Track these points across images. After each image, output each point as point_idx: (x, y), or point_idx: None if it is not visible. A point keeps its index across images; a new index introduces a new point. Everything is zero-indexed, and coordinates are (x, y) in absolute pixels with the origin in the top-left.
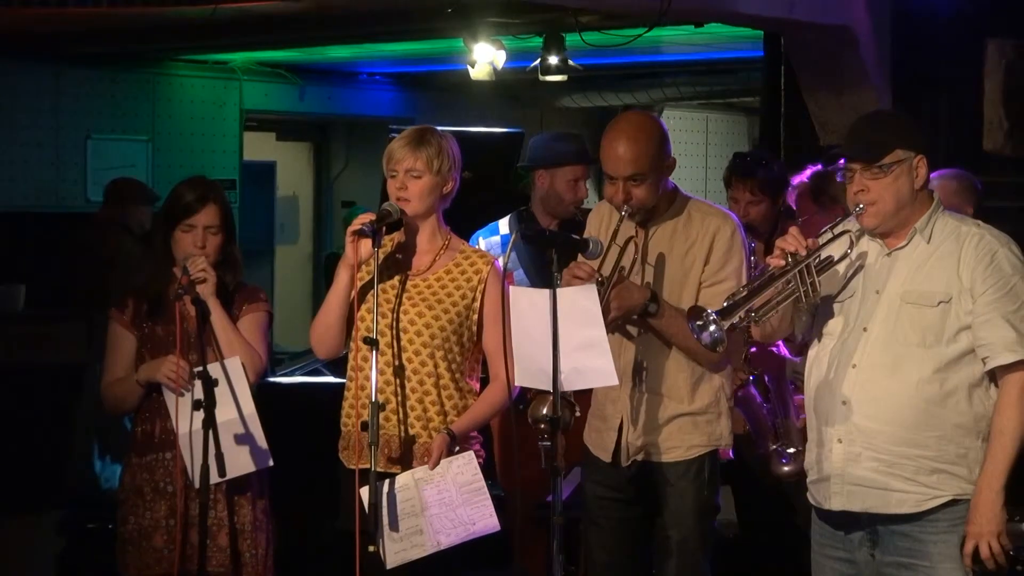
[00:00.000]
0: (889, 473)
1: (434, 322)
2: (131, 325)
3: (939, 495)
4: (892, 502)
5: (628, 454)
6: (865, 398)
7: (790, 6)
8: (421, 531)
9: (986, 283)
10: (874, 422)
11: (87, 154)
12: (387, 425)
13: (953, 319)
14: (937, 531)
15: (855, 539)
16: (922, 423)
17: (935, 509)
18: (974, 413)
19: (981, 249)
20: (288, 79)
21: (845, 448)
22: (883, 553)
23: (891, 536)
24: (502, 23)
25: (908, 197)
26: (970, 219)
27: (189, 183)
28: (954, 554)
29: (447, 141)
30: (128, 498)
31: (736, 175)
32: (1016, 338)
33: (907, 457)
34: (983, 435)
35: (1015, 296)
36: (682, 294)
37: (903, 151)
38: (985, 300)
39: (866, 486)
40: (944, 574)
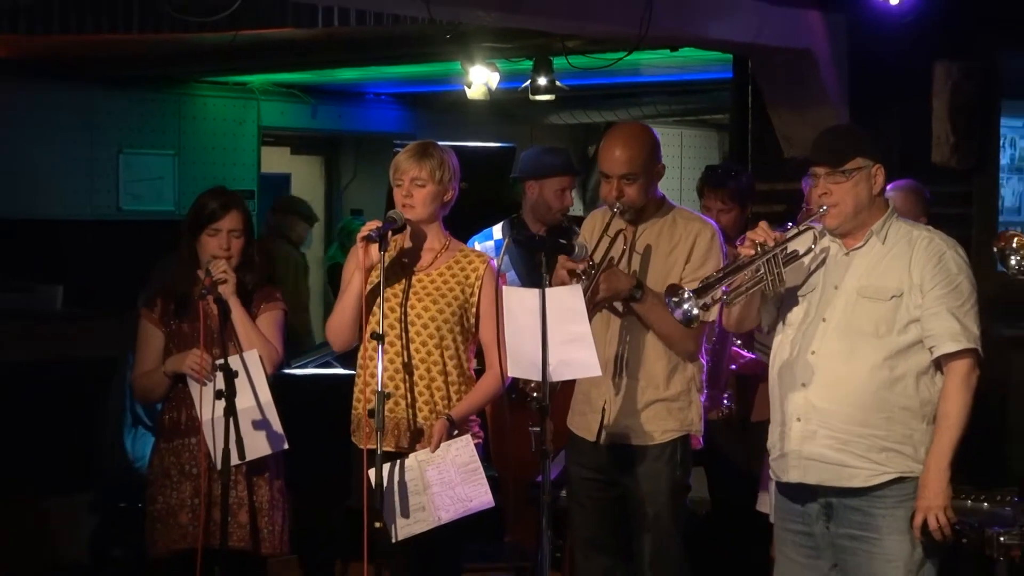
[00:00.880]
0: (842, 450)
1: (438, 315)
2: (159, 322)
3: (887, 472)
4: (844, 476)
5: (608, 434)
6: (822, 382)
7: (757, 32)
8: (424, 508)
9: (934, 280)
10: (830, 403)
11: (119, 167)
12: (396, 409)
13: (903, 312)
14: (885, 506)
15: (812, 513)
16: (873, 405)
17: (883, 485)
18: (920, 398)
19: (930, 250)
20: (302, 99)
21: (803, 426)
22: (837, 525)
23: (844, 510)
24: (495, 48)
25: (866, 201)
26: (920, 225)
27: (211, 193)
28: (901, 527)
29: (447, 154)
30: (156, 479)
31: (708, 186)
32: (960, 330)
33: (859, 436)
34: (928, 419)
35: (959, 293)
36: (664, 280)
37: (863, 159)
38: (933, 296)
39: (821, 461)
40: (891, 544)
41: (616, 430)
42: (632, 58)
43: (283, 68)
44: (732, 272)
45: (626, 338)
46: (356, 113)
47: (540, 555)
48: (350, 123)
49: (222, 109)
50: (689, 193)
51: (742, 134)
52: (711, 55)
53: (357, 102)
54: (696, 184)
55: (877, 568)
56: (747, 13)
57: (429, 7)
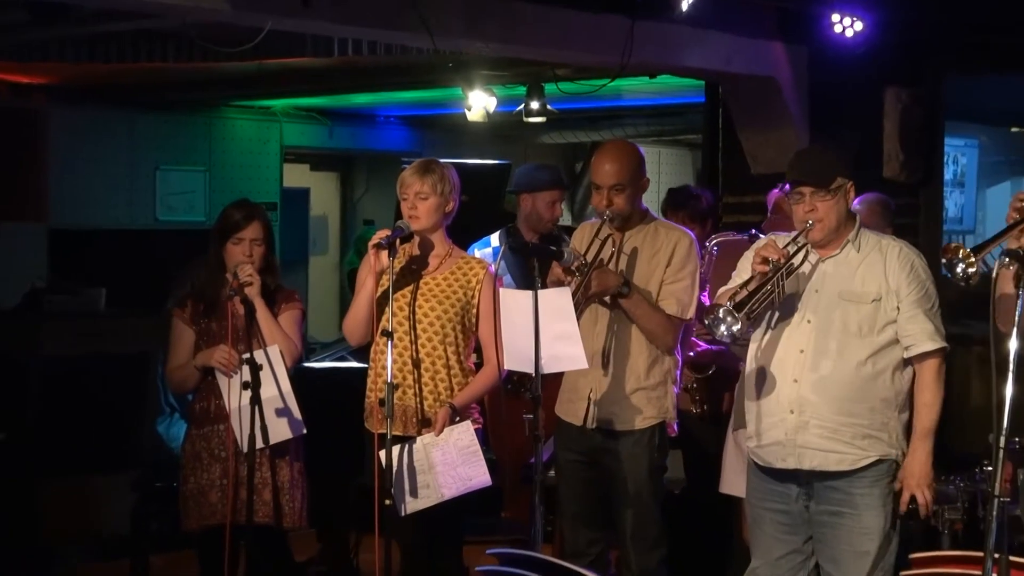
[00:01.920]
0: (832, 438)
1: (443, 315)
2: (190, 322)
3: (868, 456)
4: (833, 461)
5: (594, 419)
6: (813, 377)
7: (726, 61)
8: (429, 486)
9: (910, 286)
10: (821, 396)
11: (156, 182)
12: (404, 398)
13: (882, 314)
14: (863, 485)
15: (792, 494)
16: (858, 397)
17: (863, 468)
18: (895, 390)
19: (903, 259)
20: (320, 121)
21: (796, 418)
22: (817, 504)
23: (825, 490)
24: (493, 75)
25: (845, 215)
26: (884, 234)
27: (236, 205)
28: (876, 503)
29: (448, 170)
30: (189, 462)
31: (671, 207)
32: (934, 330)
33: (846, 425)
34: (900, 408)
35: (929, 297)
36: (647, 287)
37: (842, 178)
38: (909, 300)
39: (813, 448)
40: (867, 519)
41: (600, 416)
42: (615, 84)
43: (303, 93)
44: (758, 288)
45: (612, 333)
46: (368, 134)
47: (533, 529)
48: (363, 142)
49: (248, 130)
50: None
51: (713, 152)
52: (686, 82)
53: (369, 124)
54: (661, 208)
55: (855, 539)
56: (718, 44)
57: (434, 39)
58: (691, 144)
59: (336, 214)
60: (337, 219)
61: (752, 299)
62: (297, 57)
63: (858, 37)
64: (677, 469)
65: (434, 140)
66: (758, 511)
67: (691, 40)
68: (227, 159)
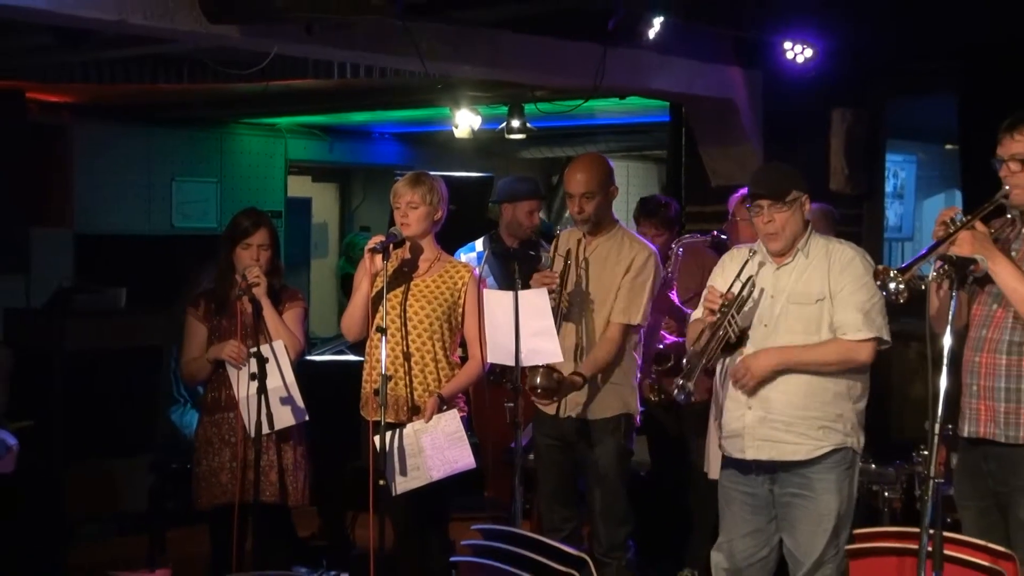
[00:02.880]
0: (787, 431)
1: (431, 314)
2: (203, 319)
3: (823, 446)
4: (789, 452)
5: (566, 409)
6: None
7: (689, 84)
8: (419, 468)
9: (844, 280)
10: (775, 393)
11: (172, 192)
12: (396, 389)
13: (826, 313)
14: (821, 471)
15: (758, 478)
16: (810, 392)
17: (821, 456)
18: (847, 383)
19: (844, 257)
20: (321, 136)
21: (755, 413)
22: (780, 487)
23: (787, 475)
24: (478, 96)
25: (800, 226)
26: (834, 238)
27: (245, 213)
28: (832, 488)
29: (437, 182)
30: (201, 446)
31: (643, 215)
32: (863, 320)
33: (800, 418)
34: (853, 398)
35: (867, 289)
36: (610, 287)
37: (797, 191)
38: (844, 294)
39: (771, 440)
40: (824, 501)
41: (573, 406)
42: (588, 104)
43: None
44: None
45: (582, 335)
46: (365, 148)
47: (513, 506)
48: (360, 157)
49: (255, 145)
50: None
51: (677, 167)
52: (652, 102)
53: (366, 140)
54: (633, 213)
55: (813, 519)
56: (681, 69)
57: (424, 63)
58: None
59: (335, 221)
60: (336, 226)
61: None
62: (300, 79)
63: (808, 63)
64: (643, 453)
65: (424, 155)
66: (728, 492)
67: (657, 65)
68: (237, 171)
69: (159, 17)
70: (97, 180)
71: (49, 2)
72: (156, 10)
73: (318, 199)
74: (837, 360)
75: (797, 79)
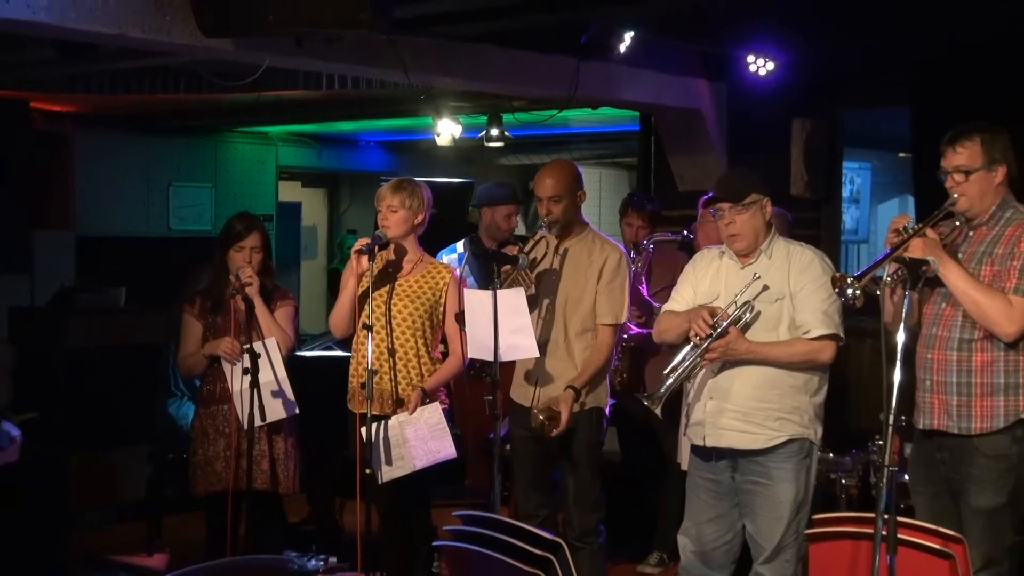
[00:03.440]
0: (745, 421)
1: (415, 312)
2: (199, 316)
3: (780, 436)
4: (747, 441)
5: (540, 400)
6: (728, 369)
7: (658, 95)
8: (403, 457)
9: (803, 280)
10: (734, 385)
11: (169, 196)
12: (382, 383)
13: (787, 311)
14: (778, 460)
15: (720, 466)
16: (768, 385)
17: (777, 446)
18: (804, 377)
19: (803, 259)
20: (310, 144)
21: (715, 404)
22: (741, 475)
23: (747, 464)
24: (458, 106)
25: (762, 227)
26: (795, 241)
27: (238, 217)
28: (789, 477)
29: (420, 188)
30: (197, 436)
31: (632, 207)
32: (823, 318)
33: (758, 409)
34: (811, 392)
35: (825, 289)
36: (584, 289)
37: (756, 194)
38: (805, 292)
39: (729, 430)
40: (781, 490)
41: (546, 397)
42: (563, 114)
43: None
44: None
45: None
46: (352, 156)
47: (492, 494)
48: (347, 163)
49: (248, 152)
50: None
51: (646, 173)
52: (623, 112)
53: (353, 147)
54: (620, 206)
55: (771, 506)
56: (650, 81)
57: (408, 75)
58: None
59: (324, 224)
60: (325, 229)
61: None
62: (291, 90)
63: (770, 76)
64: (613, 443)
65: (408, 161)
66: (694, 479)
67: (628, 77)
68: (230, 177)
69: (157, 31)
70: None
71: (52, 17)
72: (154, 25)
73: (307, 203)
74: (803, 359)
75: (760, 91)
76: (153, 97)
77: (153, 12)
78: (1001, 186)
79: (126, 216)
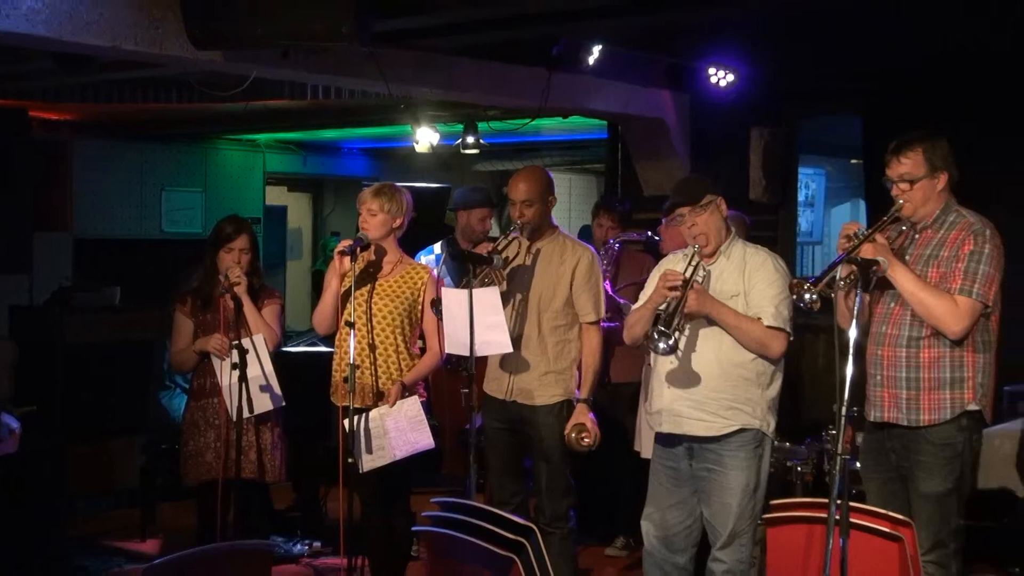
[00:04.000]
0: (700, 408)
1: (395, 310)
2: (189, 314)
3: (732, 424)
4: (701, 428)
5: (513, 394)
6: (685, 359)
7: (624, 105)
8: (383, 448)
9: (757, 277)
10: (690, 375)
11: (161, 200)
12: (363, 377)
13: (741, 307)
14: (731, 448)
15: (679, 453)
16: (722, 376)
17: (730, 434)
18: (756, 371)
19: (757, 259)
20: (296, 151)
21: (672, 392)
22: (697, 462)
23: (702, 451)
24: (436, 115)
25: (721, 226)
26: (751, 244)
27: (228, 219)
28: (741, 464)
29: (399, 192)
30: (188, 428)
31: (604, 208)
32: (774, 312)
33: (711, 398)
34: (762, 385)
35: (777, 286)
36: (556, 287)
37: (711, 195)
38: (758, 288)
39: (685, 417)
40: (733, 477)
41: (518, 393)
42: (535, 123)
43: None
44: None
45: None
46: (335, 162)
47: (468, 481)
48: (331, 169)
49: (237, 158)
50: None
51: (614, 178)
52: (592, 121)
53: (336, 154)
54: (592, 208)
55: (724, 492)
56: (617, 92)
57: (388, 85)
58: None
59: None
60: (309, 231)
61: (674, 316)
62: (277, 99)
63: (730, 87)
64: None
65: (389, 167)
66: (656, 466)
67: (596, 88)
68: (220, 182)
69: (149, 44)
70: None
71: (51, 31)
72: (147, 37)
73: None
74: (756, 338)
75: (720, 101)
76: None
77: (146, 26)
78: (944, 192)
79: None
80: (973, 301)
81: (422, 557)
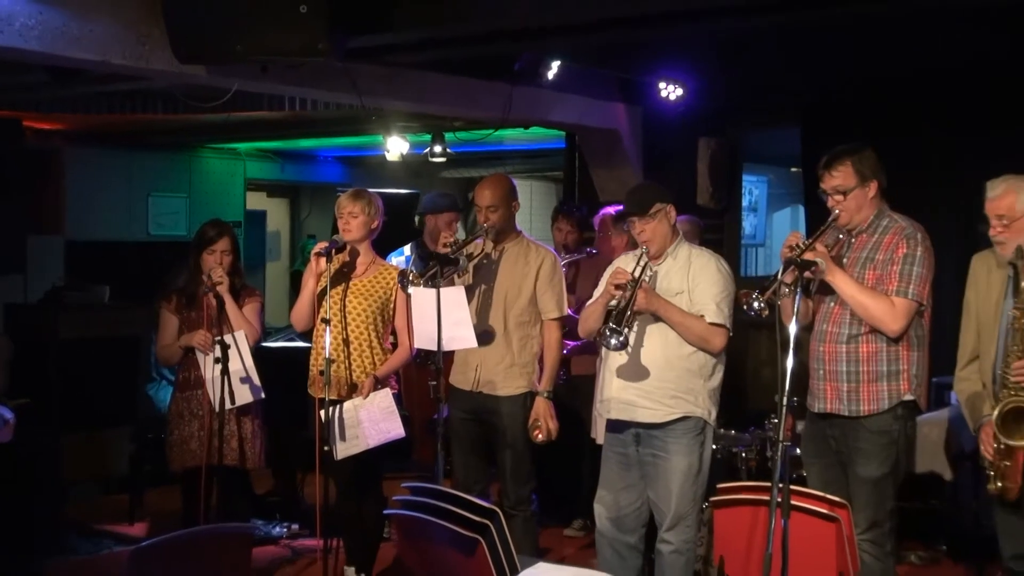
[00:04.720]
0: (645, 397)
1: (368, 308)
2: (175, 312)
3: (675, 412)
4: (646, 415)
5: (479, 385)
6: (635, 353)
7: (581, 117)
8: (357, 437)
9: (700, 276)
10: (637, 366)
11: (148, 205)
12: (338, 371)
13: (685, 304)
14: (675, 435)
15: (627, 439)
16: (666, 367)
17: (673, 421)
18: (699, 363)
19: (701, 260)
20: (274, 159)
21: (620, 381)
22: (643, 448)
23: (648, 438)
24: (406, 126)
25: (668, 231)
26: (697, 247)
27: (211, 223)
28: (683, 450)
29: (375, 197)
30: (173, 419)
31: (563, 213)
32: (716, 310)
33: (656, 388)
34: (704, 377)
35: (718, 285)
36: (521, 286)
37: (660, 203)
38: (701, 287)
39: (630, 404)
40: (676, 462)
41: (484, 384)
42: (498, 133)
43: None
44: (625, 307)
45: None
46: (312, 169)
47: (436, 468)
48: (308, 176)
49: (219, 166)
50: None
51: (571, 185)
52: (551, 132)
53: (312, 162)
54: (552, 213)
55: (668, 477)
56: (574, 104)
57: (361, 98)
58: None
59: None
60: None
61: (624, 314)
62: (257, 111)
63: (679, 100)
64: None
65: (362, 174)
66: (607, 452)
67: (555, 101)
68: (203, 188)
69: (137, 59)
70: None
71: (43, 46)
72: (134, 52)
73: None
74: (698, 335)
75: (670, 113)
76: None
77: (134, 42)
78: (875, 198)
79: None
80: (909, 301)
81: (393, 538)
